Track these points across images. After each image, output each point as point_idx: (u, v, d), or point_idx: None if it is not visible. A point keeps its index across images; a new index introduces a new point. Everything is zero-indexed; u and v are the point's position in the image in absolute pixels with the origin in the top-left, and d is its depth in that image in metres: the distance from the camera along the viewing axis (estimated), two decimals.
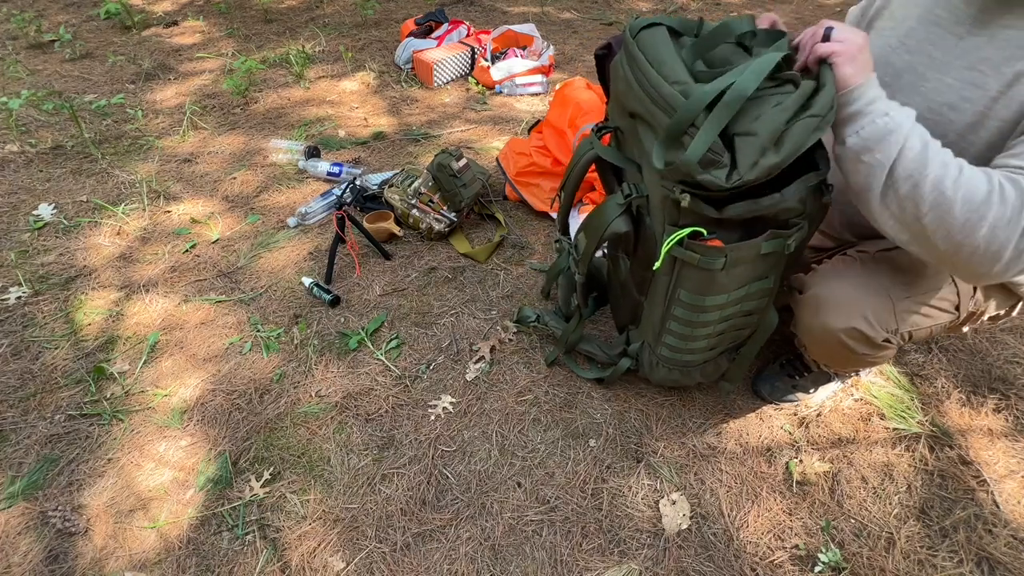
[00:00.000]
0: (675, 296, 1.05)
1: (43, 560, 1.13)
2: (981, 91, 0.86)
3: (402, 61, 2.92)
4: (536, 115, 2.56)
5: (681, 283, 1.02)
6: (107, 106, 2.47)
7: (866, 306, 0.98)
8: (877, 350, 1.03)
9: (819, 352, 1.11)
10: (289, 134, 2.43)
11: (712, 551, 1.12)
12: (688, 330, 1.09)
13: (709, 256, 0.94)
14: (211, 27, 3.45)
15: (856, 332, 0.99)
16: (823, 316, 1.02)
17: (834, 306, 1.01)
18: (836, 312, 1.00)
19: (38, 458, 1.29)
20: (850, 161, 0.85)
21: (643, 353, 1.26)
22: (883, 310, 0.98)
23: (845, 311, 0.99)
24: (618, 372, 1.32)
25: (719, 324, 1.08)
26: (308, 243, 1.87)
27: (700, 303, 1.02)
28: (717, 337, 1.12)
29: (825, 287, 1.02)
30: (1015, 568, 1.08)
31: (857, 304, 0.98)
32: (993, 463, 1.25)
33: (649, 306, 1.16)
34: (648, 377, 1.30)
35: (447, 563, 1.12)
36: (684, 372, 1.23)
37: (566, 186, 1.18)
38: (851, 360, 1.07)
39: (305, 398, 1.41)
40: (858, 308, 0.98)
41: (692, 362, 1.19)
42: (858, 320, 0.98)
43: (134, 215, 1.99)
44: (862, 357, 1.05)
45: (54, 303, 1.67)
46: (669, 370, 1.23)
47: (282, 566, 1.12)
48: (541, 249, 1.84)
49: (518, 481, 1.24)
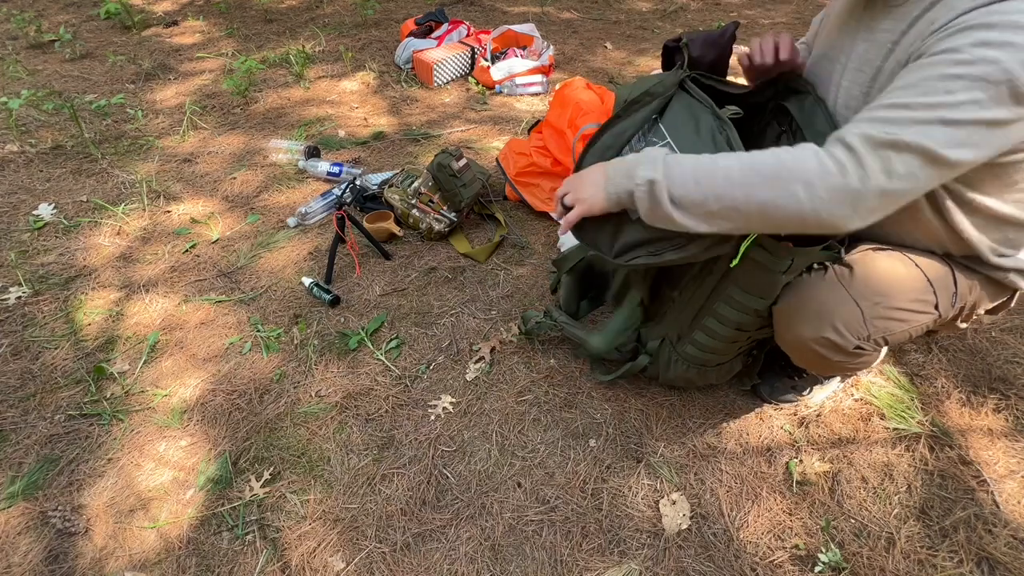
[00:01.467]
0: (724, 293, 1.06)
1: (43, 560, 1.13)
2: (864, 87, 0.96)
3: (402, 61, 2.92)
4: (536, 115, 2.56)
5: (738, 282, 1.03)
6: (107, 106, 2.47)
7: (835, 315, 0.99)
8: (851, 357, 1.03)
9: (799, 359, 1.12)
10: (289, 134, 2.43)
11: (712, 551, 1.12)
12: (727, 331, 1.11)
13: (779, 257, 0.96)
14: (211, 27, 3.45)
15: (826, 341, 1.00)
16: (794, 327, 1.04)
17: (803, 317, 1.02)
18: (806, 323, 1.02)
19: (38, 458, 1.29)
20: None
21: (662, 350, 1.26)
22: (852, 319, 0.98)
23: (814, 322, 1.00)
24: (635, 369, 1.32)
25: (752, 328, 1.09)
26: (308, 243, 1.87)
27: (752, 304, 1.04)
28: (748, 340, 1.14)
29: (795, 298, 1.03)
30: (1015, 568, 1.08)
31: (826, 314, 0.99)
32: (993, 463, 1.25)
33: (682, 302, 1.16)
34: (659, 376, 1.30)
35: (447, 563, 1.12)
36: (700, 372, 1.23)
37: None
38: (830, 366, 1.08)
39: (305, 398, 1.41)
40: (827, 318, 0.99)
41: (712, 361, 1.20)
42: (827, 330, 0.99)
43: (134, 215, 1.99)
44: (839, 364, 1.06)
45: (54, 303, 1.67)
46: (687, 367, 1.23)
47: (282, 566, 1.12)
48: (541, 249, 1.84)
49: (518, 481, 1.24)
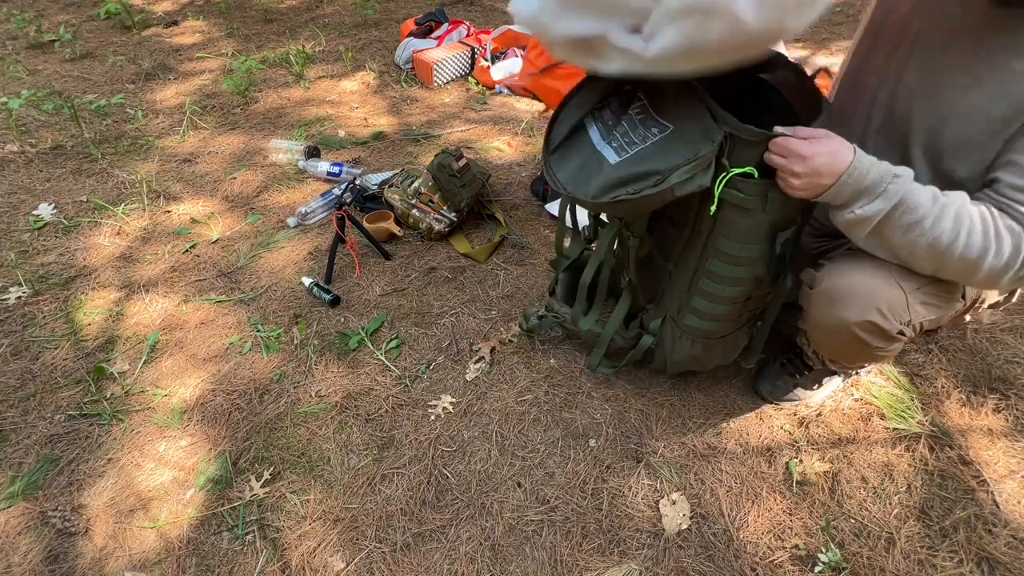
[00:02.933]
0: (713, 248, 1.06)
1: (43, 560, 1.13)
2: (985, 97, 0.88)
3: (402, 61, 2.92)
4: (536, 115, 2.56)
5: (723, 232, 1.03)
6: (107, 106, 2.47)
7: (880, 298, 0.98)
8: (890, 343, 1.03)
9: (829, 347, 1.11)
10: (289, 134, 2.43)
11: (712, 551, 1.12)
12: (721, 289, 1.10)
13: (754, 194, 0.95)
14: (211, 27, 3.45)
15: (870, 325, 0.99)
16: (837, 309, 1.02)
17: (848, 298, 1.00)
18: (850, 304, 1.00)
19: (38, 458, 1.29)
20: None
21: (664, 329, 1.26)
22: (897, 302, 0.98)
23: (859, 303, 0.99)
24: (639, 352, 1.31)
25: (751, 285, 1.08)
26: (308, 243, 1.87)
27: (743, 253, 1.03)
28: (746, 303, 1.13)
29: (839, 279, 1.02)
30: (1015, 568, 1.08)
31: (871, 296, 0.98)
32: (993, 463, 1.25)
33: (679, 270, 1.16)
34: (666, 363, 1.29)
35: (447, 563, 1.12)
36: (706, 347, 1.22)
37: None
38: (862, 354, 1.07)
39: (305, 398, 1.41)
40: (872, 300, 0.98)
41: (715, 332, 1.19)
42: (872, 313, 0.98)
43: (134, 215, 1.99)
44: (875, 351, 1.05)
45: (54, 303, 1.67)
46: (692, 343, 1.22)
47: (282, 566, 1.12)
48: (541, 249, 1.84)
49: (518, 481, 1.24)
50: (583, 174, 1.04)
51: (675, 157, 0.93)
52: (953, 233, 0.87)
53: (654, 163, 0.95)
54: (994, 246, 0.86)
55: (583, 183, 1.02)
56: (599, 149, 1.04)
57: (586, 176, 1.03)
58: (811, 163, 0.88)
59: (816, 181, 0.89)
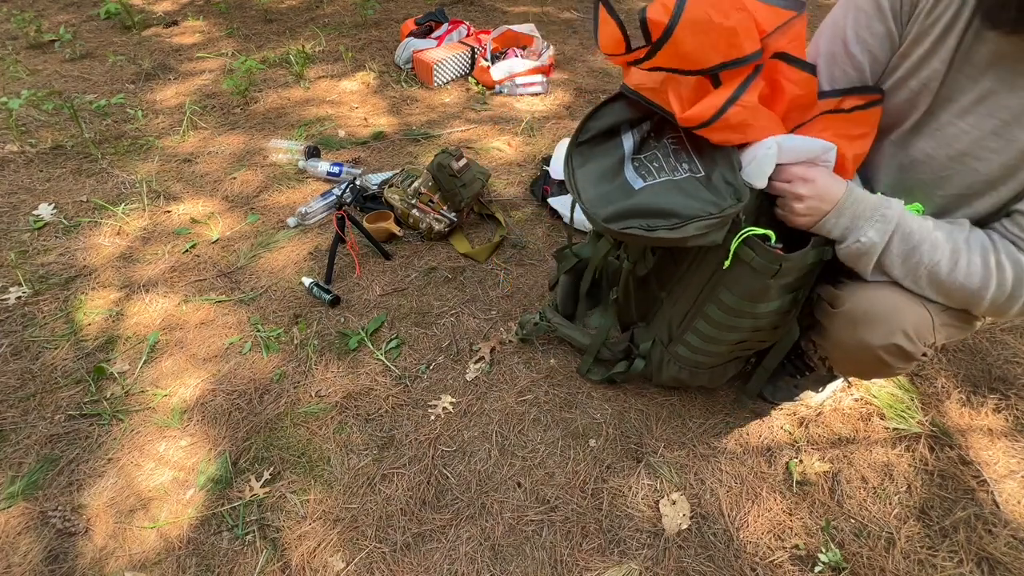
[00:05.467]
0: (714, 296, 1.05)
1: (43, 560, 1.13)
2: (1006, 140, 0.83)
3: (402, 61, 2.92)
4: (536, 115, 2.56)
5: (727, 284, 1.02)
6: (107, 106, 2.47)
7: (906, 320, 0.92)
8: (911, 364, 0.98)
9: (848, 367, 1.06)
10: (289, 134, 2.43)
11: (712, 551, 1.12)
12: (716, 332, 1.10)
13: (768, 260, 0.93)
14: (211, 27, 3.45)
15: (895, 348, 0.93)
16: (861, 332, 0.96)
17: (872, 321, 0.94)
18: (875, 328, 0.94)
19: (38, 458, 1.29)
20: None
21: (654, 351, 1.26)
22: (923, 323, 0.92)
23: (884, 327, 0.93)
24: (633, 372, 1.32)
25: (749, 332, 1.08)
26: (308, 243, 1.87)
27: (743, 308, 1.02)
28: (739, 344, 1.13)
29: (862, 300, 0.96)
30: (1015, 568, 1.08)
31: (896, 318, 0.92)
32: (993, 463, 1.25)
33: (670, 303, 1.16)
34: (653, 377, 1.31)
35: (447, 563, 1.12)
36: (692, 374, 1.24)
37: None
38: (880, 373, 1.03)
39: (305, 398, 1.41)
40: (898, 322, 0.92)
41: (705, 364, 1.20)
42: (898, 336, 0.92)
43: (134, 215, 1.99)
44: (896, 371, 1.00)
45: (54, 303, 1.67)
46: (679, 369, 1.23)
47: (282, 566, 1.12)
48: (541, 249, 1.84)
49: (518, 481, 1.24)
50: (602, 187, 1.01)
51: (698, 203, 0.92)
52: (951, 262, 0.86)
53: (675, 203, 0.93)
54: (996, 276, 0.85)
55: (600, 201, 1.00)
56: (624, 165, 1.03)
57: (604, 192, 1.00)
58: (815, 186, 0.88)
59: (819, 206, 0.90)
